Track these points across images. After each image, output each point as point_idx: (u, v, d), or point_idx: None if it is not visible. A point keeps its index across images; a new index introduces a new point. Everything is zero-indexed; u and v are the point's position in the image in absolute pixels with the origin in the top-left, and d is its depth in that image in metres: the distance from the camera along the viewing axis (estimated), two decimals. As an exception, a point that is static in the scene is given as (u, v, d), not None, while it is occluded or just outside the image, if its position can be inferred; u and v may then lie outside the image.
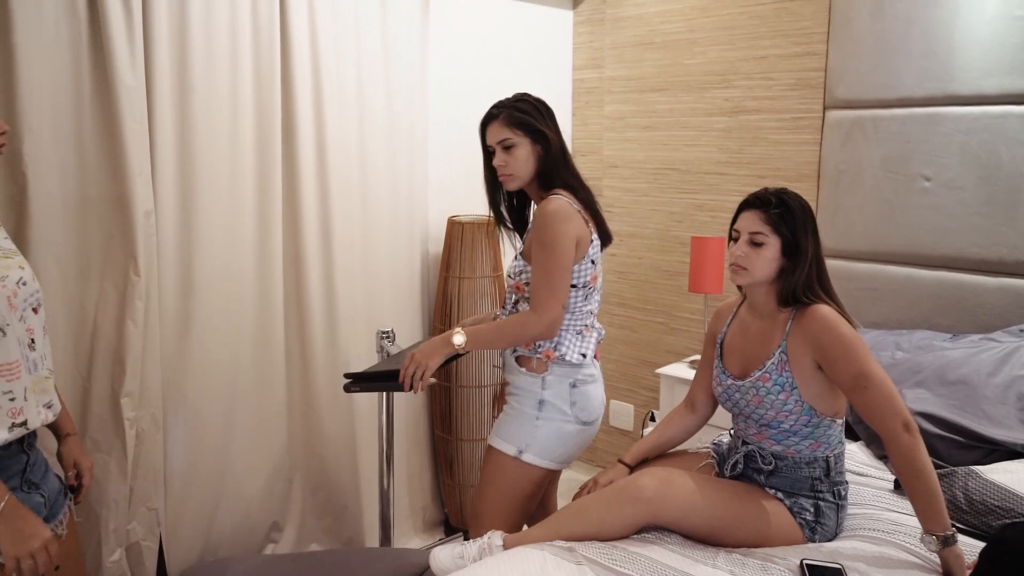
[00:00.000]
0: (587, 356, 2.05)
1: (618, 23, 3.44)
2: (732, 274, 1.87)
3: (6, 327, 1.45)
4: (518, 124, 2.02)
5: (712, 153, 3.20)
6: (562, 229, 1.92)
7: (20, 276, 1.52)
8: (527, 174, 2.04)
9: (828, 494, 1.84)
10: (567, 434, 2.05)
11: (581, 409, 2.05)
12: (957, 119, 2.51)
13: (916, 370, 2.34)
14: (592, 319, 2.10)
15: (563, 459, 2.09)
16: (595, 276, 2.05)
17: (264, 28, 2.44)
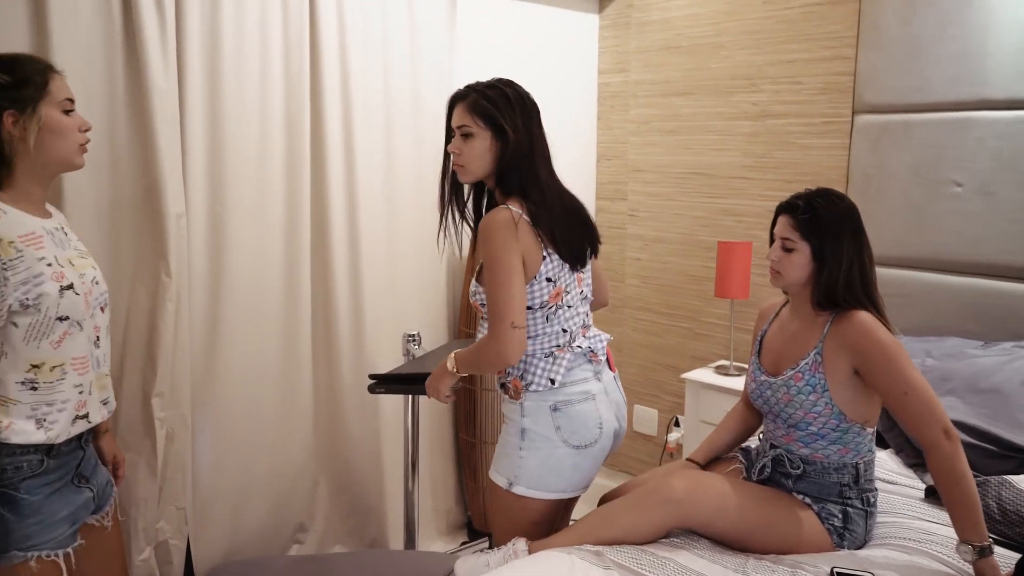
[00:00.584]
0: (556, 381, 1.82)
1: (644, 27, 3.44)
2: (770, 278, 1.89)
3: (82, 322, 1.54)
4: (481, 113, 1.82)
5: (738, 157, 3.18)
6: (500, 245, 1.71)
7: (93, 275, 1.61)
8: (480, 170, 1.83)
9: (856, 501, 1.83)
10: (559, 461, 1.83)
11: (569, 432, 1.83)
12: (990, 124, 2.48)
13: (946, 378, 2.32)
14: (568, 336, 1.86)
15: (564, 487, 1.87)
16: (557, 293, 1.82)
17: (294, 33, 2.46)
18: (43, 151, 1.52)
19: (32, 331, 1.48)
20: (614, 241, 3.68)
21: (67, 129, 1.54)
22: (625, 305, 3.68)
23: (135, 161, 2.20)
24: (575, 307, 1.88)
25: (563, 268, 1.81)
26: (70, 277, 1.52)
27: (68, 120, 1.54)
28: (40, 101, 1.50)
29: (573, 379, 1.85)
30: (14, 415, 1.48)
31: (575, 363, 1.86)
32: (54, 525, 1.54)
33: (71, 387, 1.53)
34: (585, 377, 1.87)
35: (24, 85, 1.49)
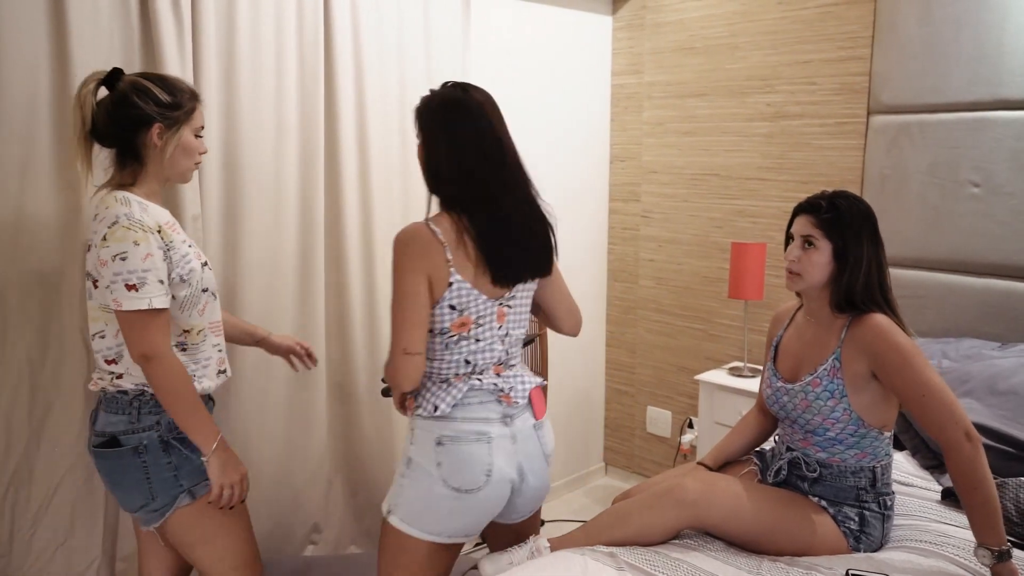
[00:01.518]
0: (439, 409, 1.68)
1: (658, 28, 3.43)
2: (787, 280, 1.86)
3: (216, 292, 1.83)
4: (416, 113, 1.76)
5: (753, 159, 3.17)
6: (400, 264, 1.64)
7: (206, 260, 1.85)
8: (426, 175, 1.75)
9: (873, 504, 1.82)
10: (436, 501, 1.68)
11: (450, 472, 1.67)
12: (1007, 124, 2.46)
13: (964, 379, 2.30)
14: (470, 368, 1.72)
15: (438, 531, 1.71)
16: (462, 324, 1.68)
17: (309, 36, 2.47)
18: (171, 164, 1.75)
19: (186, 301, 1.73)
20: (628, 243, 3.67)
21: (194, 151, 1.79)
22: (639, 306, 3.67)
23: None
24: (486, 342, 1.72)
25: (476, 298, 1.67)
26: (204, 256, 1.81)
27: (196, 143, 1.78)
28: (184, 124, 1.74)
29: (467, 415, 1.70)
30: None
31: (475, 398, 1.71)
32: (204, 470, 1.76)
33: (211, 347, 1.82)
34: (486, 417, 1.71)
35: (177, 107, 1.73)
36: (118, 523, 2.24)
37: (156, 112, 1.70)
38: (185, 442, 1.73)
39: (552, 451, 1.86)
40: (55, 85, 2.02)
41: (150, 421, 1.72)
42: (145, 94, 1.70)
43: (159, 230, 1.67)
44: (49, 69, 2.00)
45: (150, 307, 1.62)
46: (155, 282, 1.63)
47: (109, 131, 1.71)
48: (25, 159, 1.98)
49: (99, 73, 1.72)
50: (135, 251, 1.61)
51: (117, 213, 1.63)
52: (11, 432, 2.04)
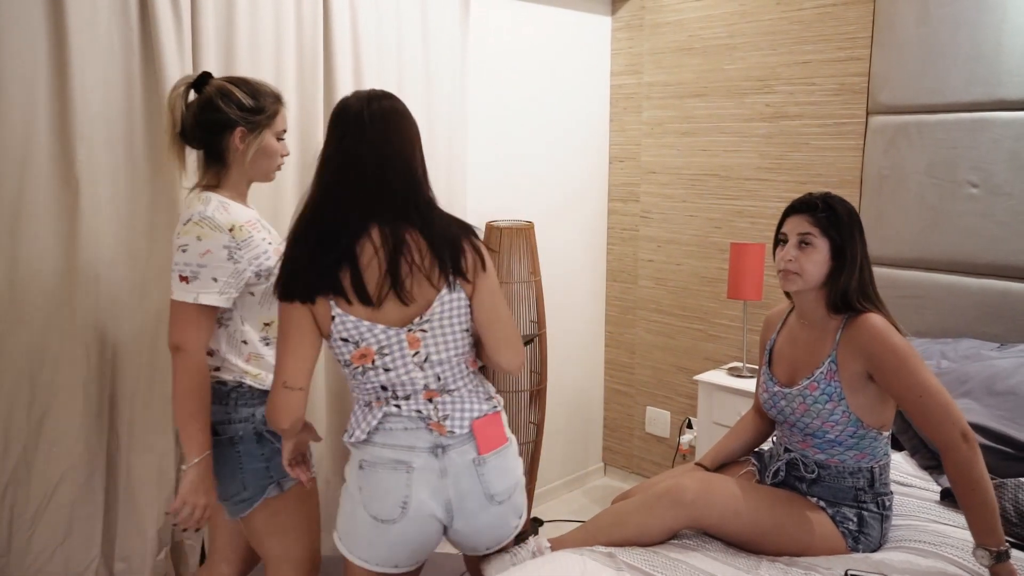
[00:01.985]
0: (355, 435, 1.63)
1: (657, 29, 3.44)
2: (782, 280, 1.84)
3: None
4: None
5: (752, 159, 3.17)
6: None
7: None
8: None
9: (872, 504, 1.82)
10: (359, 525, 1.63)
11: (368, 499, 1.61)
12: (1006, 124, 2.46)
13: (963, 380, 2.30)
14: (388, 394, 1.63)
15: (361, 555, 1.65)
16: (362, 355, 1.59)
17: (308, 36, 2.47)
18: (253, 166, 1.81)
19: (264, 297, 1.79)
20: (627, 243, 3.68)
21: (275, 153, 1.84)
22: (638, 307, 3.67)
23: (153, 163, 2.21)
24: (399, 371, 1.60)
25: (371, 329, 1.56)
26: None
27: (277, 146, 1.83)
28: (266, 127, 1.79)
29: (388, 441, 1.61)
30: (263, 367, 1.80)
31: (397, 424, 1.62)
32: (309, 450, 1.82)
33: None
34: (410, 445, 1.61)
35: (260, 111, 1.78)
36: (117, 523, 2.24)
37: (239, 116, 1.75)
38: (276, 435, 1.78)
39: (501, 492, 1.66)
40: (54, 86, 2.02)
41: (245, 413, 1.78)
42: (228, 98, 1.75)
43: (231, 229, 1.71)
44: (48, 70, 2.00)
45: (195, 301, 1.67)
46: (208, 279, 1.68)
47: (195, 134, 1.78)
48: (24, 158, 1.98)
49: (188, 77, 1.80)
50: (196, 246, 1.67)
51: (193, 211, 1.71)
52: (10, 431, 2.04)
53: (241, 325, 1.79)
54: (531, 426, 3.20)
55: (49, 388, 2.08)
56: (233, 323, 1.78)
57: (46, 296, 2.06)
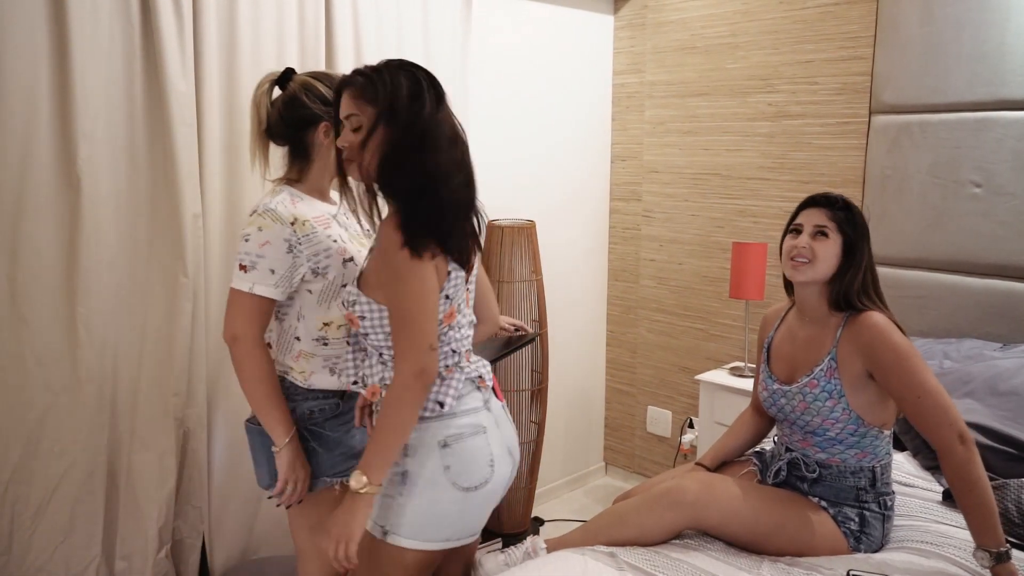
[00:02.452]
0: (446, 404, 1.58)
1: (659, 28, 3.43)
2: (792, 269, 1.82)
3: None
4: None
5: (755, 158, 3.17)
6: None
7: (366, 253, 1.81)
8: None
9: (873, 504, 1.81)
10: (445, 506, 1.57)
11: (459, 473, 1.56)
12: (1009, 124, 2.46)
13: (966, 380, 2.30)
14: (456, 358, 1.64)
15: (448, 535, 1.60)
16: (451, 313, 1.60)
17: (310, 36, 2.47)
18: (330, 160, 1.77)
19: (322, 295, 1.76)
20: (629, 242, 3.67)
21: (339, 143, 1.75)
22: (640, 306, 3.67)
23: (154, 162, 2.21)
24: (464, 328, 1.67)
25: (460, 283, 1.60)
26: (351, 252, 1.79)
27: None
28: (318, 115, 1.75)
29: (464, 408, 1.61)
30: (314, 366, 1.78)
31: (465, 389, 1.62)
32: (351, 457, 1.82)
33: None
34: (475, 407, 1.62)
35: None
36: (118, 522, 2.25)
37: (323, 111, 1.75)
38: (316, 435, 1.79)
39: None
40: (55, 83, 2.02)
41: (287, 408, 1.77)
42: (312, 93, 1.75)
43: (293, 222, 1.70)
44: (49, 67, 2.00)
45: (250, 291, 1.68)
46: (265, 270, 1.69)
47: (281, 130, 1.78)
48: (25, 156, 1.98)
49: (273, 74, 1.80)
50: (256, 236, 1.68)
51: (260, 202, 1.73)
52: (11, 430, 2.04)
53: (296, 322, 1.78)
54: (532, 425, 3.20)
55: (50, 387, 2.08)
56: (288, 319, 1.79)
57: (47, 294, 2.06)
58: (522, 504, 3.21)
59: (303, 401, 1.78)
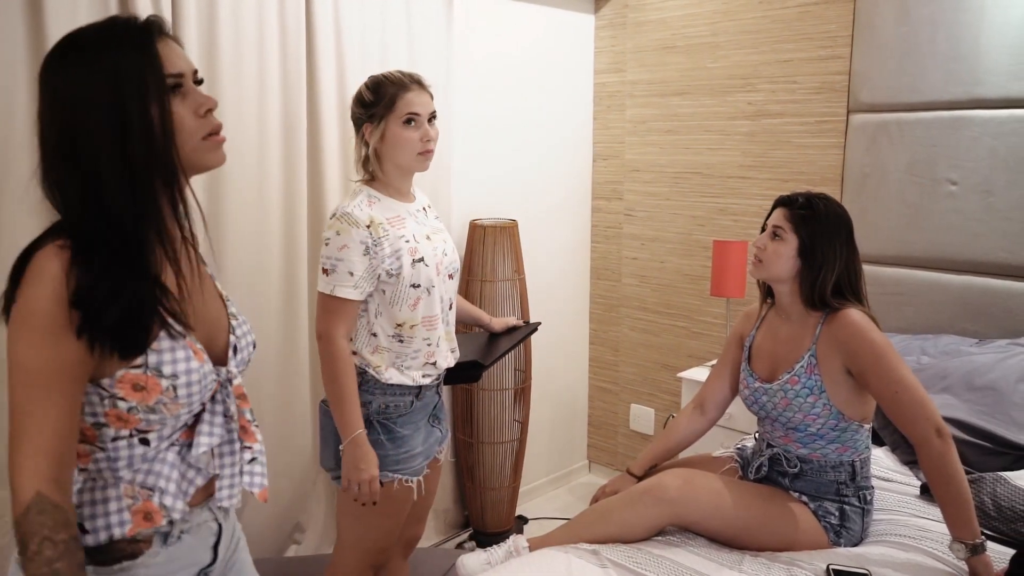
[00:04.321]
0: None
1: (640, 27, 3.45)
2: (750, 266, 1.90)
3: (431, 288, 1.85)
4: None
5: (735, 157, 3.19)
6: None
7: (444, 248, 1.93)
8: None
9: (853, 498, 1.84)
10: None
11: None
12: (984, 122, 2.49)
13: (942, 375, 2.33)
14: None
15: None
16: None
17: (291, 38, 2.46)
18: (391, 158, 1.83)
19: (395, 296, 1.81)
20: (611, 241, 3.69)
21: (403, 140, 1.81)
22: (622, 304, 3.68)
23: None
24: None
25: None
26: (422, 251, 1.83)
27: (403, 132, 1.81)
28: (386, 117, 1.80)
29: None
30: (386, 362, 1.84)
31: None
32: (415, 456, 1.89)
33: (421, 340, 1.86)
34: None
35: (377, 103, 1.81)
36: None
37: (362, 114, 1.84)
38: (387, 429, 1.85)
39: None
40: (32, 86, 2.00)
41: (364, 399, 1.84)
42: (357, 97, 1.86)
43: (369, 224, 1.76)
44: (27, 68, 1.99)
45: (331, 293, 1.76)
46: (344, 272, 1.75)
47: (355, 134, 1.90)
48: (2, 162, 1.96)
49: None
50: (335, 240, 1.75)
51: (338, 205, 1.81)
52: (-10, 434, 2.02)
53: (374, 318, 1.83)
54: (515, 424, 3.20)
55: None
56: (367, 315, 1.84)
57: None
58: (506, 503, 3.22)
59: (381, 395, 1.85)
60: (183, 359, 1.04)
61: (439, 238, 1.93)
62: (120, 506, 1.06)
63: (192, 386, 1.05)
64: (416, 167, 1.87)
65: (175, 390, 1.04)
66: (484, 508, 3.19)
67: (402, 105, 1.81)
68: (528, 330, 2.40)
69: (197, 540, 1.14)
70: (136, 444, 1.07)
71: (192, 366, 1.05)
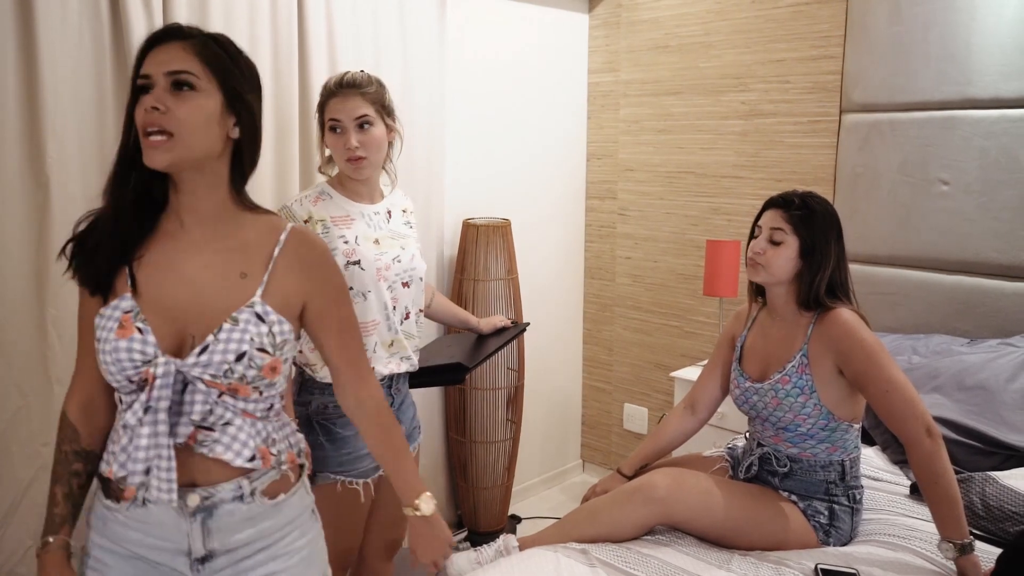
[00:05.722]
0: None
1: (633, 27, 3.45)
2: (749, 270, 1.87)
3: (367, 293, 1.81)
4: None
5: (728, 156, 3.19)
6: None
7: (397, 255, 1.88)
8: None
9: (843, 498, 1.84)
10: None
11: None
12: (975, 123, 2.49)
13: (933, 375, 2.33)
14: None
15: None
16: None
17: (283, 37, 2.45)
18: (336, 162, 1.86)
19: None
20: (604, 240, 3.69)
21: (332, 148, 1.83)
22: (616, 304, 3.68)
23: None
24: None
25: None
26: (361, 254, 1.80)
27: (332, 140, 1.82)
28: (322, 123, 1.83)
29: None
30: (322, 360, 1.74)
31: None
32: (361, 458, 1.84)
33: None
34: None
35: (319, 110, 1.85)
36: (90, 524, 2.23)
37: (318, 118, 1.85)
38: (325, 429, 1.82)
39: None
40: (22, 83, 1.99)
41: (303, 398, 1.84)
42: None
43: (307, 220, 1.76)
44: (16, 67, 1.98)
45: None
46: None
47: None
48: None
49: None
50: None
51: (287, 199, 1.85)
52: (-21, 433, 2.02)
53: None
54: (509, 423, 3.20)
55: (19, 388, 2.06)
56: None
57: (16, 295, 2.04)
58: (499, 502, 3.22)
59: (319, 395, 1.82)
60: (108, 328, 1.15)
61: (395, 244, 1.89)
62: (108, 449, 1.22)
63: (106, 355, 1.15)
64: (349, 174, 1.83)
65: (100, 354, 1.16)
66: (477, 508, 3.19)
67: (327, 112, 1.81)
68: (516, 331, 2.40)
69: (166, 517, 1.17)
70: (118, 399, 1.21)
71: (108, 336, 1.15)
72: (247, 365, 1.16)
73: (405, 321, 1.92)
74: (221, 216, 1.23)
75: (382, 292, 1.84)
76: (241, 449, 1.20)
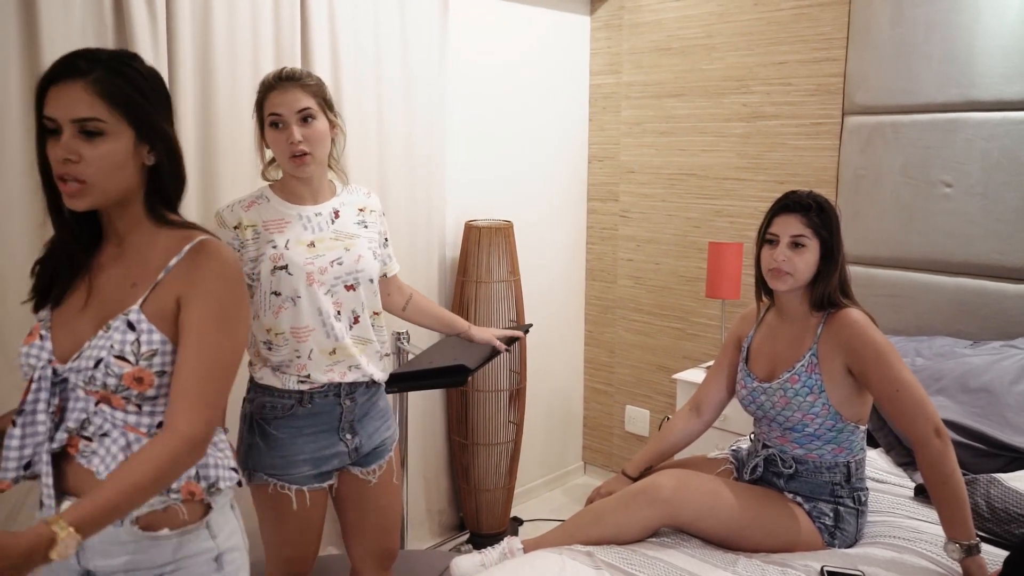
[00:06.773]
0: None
1: (636, 28, 3.45)
2: (773, 280, 1.83)
3: (296, 299, 1.73)
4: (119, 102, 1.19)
5: (730, 159, 3.19)
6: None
7: (338, 257, 1.78)
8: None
9: (848, 499, 1.84)
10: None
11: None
12: (978, 125, 2.50)
13: (937, 377, 2.33)
14: None
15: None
16: None
17: (286, 37, 2.45)
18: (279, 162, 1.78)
19: (259, 300, 1.75)
20: (606, 242, 3.69)
21: (272, 144, 1.75)
22: (617, 306, 3.68)
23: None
24: None
25: None
26: (289, 259, 1.73)
27: (272, 135, 1.74)
28: (262, 120, 1.75)
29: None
30: (264, 364, 1.79)
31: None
32: (296, 463, 1.79)
33: (291, 351, 1.76)
34: None
35: (257, 106, 1.76)
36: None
37: (256, 117, 1.78)
38: (261, 430, 1.80)
39: None
40: (25, 84, 1.99)
41: (249, 396, 1.84)
42: None
43: (236, 226, 1.73)
44: (19, 65, 1.98)
45: None
46: None
47: None
48: (-3, 157, 1.96)
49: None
50: None
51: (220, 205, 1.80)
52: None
53: (252, 320, 1.78)
54: (511, 425, 3.20)
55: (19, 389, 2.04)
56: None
57: (19, 295, 2.03)
58: (501, 504, 3.22)
59: (261, 394, 1.80)
60: (29, 333, 1.23)
61: (336, 245, 1.79)
62: None
63: (20, 358, 1.22)
64: (292, 173, 1.75)
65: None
66: (479, 510, 3.19)
67: (267, 107, 1.73)
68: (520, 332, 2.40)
69: None
70: None
71: (22, 342, 1.22)
72: (105, 372, 1.15)
73: (355, 326, 1.82)
74: (134, 231, 1.24)
75: (316, 297, 1.74)
76: (110, 463, 1.15)
